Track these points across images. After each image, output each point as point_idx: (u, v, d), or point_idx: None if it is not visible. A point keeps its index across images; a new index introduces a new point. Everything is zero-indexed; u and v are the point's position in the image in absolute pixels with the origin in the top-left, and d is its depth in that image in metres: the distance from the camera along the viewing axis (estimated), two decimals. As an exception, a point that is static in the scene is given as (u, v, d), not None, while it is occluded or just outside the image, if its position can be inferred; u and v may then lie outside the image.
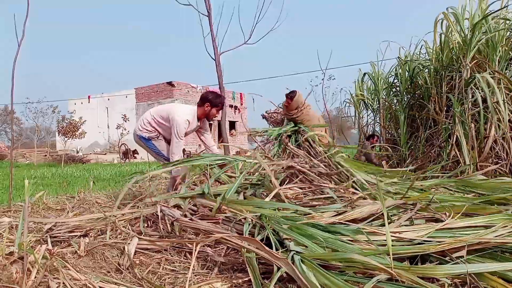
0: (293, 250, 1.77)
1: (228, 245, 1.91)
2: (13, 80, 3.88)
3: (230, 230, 2.21)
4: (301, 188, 3.14)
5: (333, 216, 2.38)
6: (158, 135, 3.89)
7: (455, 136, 4.72)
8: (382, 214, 2.39)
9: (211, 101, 3.83)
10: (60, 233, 2.67)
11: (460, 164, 4.54)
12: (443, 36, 5.32)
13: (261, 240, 2.04)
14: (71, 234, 2.67)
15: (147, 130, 3.86)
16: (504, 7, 4.94)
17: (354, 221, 2.29)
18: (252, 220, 2.27)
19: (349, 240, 1.89)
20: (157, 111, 3.94)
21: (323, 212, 2.50)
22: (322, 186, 3.10)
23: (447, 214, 2.22)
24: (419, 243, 1.79)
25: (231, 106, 26.01)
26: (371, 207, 2.40)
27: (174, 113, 3.74)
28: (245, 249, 1.82)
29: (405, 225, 2.19)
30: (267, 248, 1.69)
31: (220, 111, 4.04)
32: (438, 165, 4.61)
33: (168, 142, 3.91)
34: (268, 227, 2.13)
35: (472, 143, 4.63)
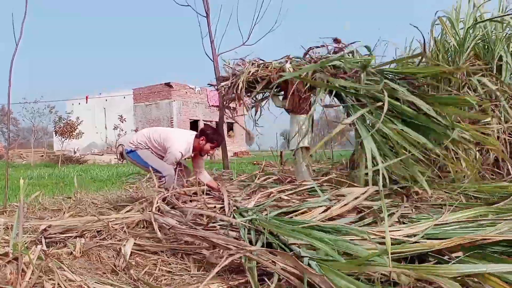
0: (306, 256, 1.74)
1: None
2: (10, 80, 3.86)
3: (225, 235, 2.20)
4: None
5: (323, 212, 2.40)
6: (147, 147, 3.95)
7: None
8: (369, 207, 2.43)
9: (207, 136, 3.86)
10: (55, 233, 2.65)
11: (457, 170, 4.54)
12: (438, 39, 5.36)
13: (262, 245, 2.03)
14: (66, 235, 2.65)
15: (133, 145, 3.95)
16: (498, 17, 4.95)
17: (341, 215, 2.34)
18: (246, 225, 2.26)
19: (352, 239, 1.89)
20: (155, 135, 3.96)
21: (311, 208, 2.53)
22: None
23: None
24: (415, 242, 1.79)
25: (228, 107, 25.93)
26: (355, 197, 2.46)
27: (171, 143, 3.81)
28: (247, 260, 1.79)
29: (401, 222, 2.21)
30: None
31: (214, 150, 4.05)
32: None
33: (154, 153, 3.96)
34: (265, 231, 2.11)
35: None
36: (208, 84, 5.16)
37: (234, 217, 2.47)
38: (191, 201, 3.31)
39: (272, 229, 2.11)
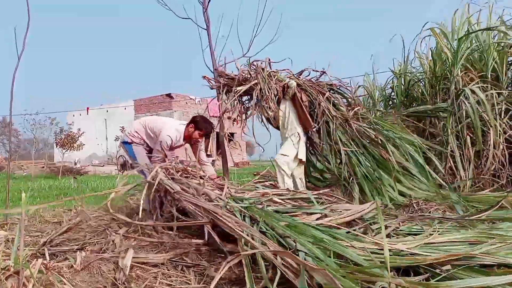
0: (302, 251, 1.77)
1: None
2: (12, 93, 3.90)
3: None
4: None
5: (318, 219, 2.42)
6: (142, 142, 3.97)
7: (449, 148, 4.76)
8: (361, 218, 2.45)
9: (196, 123, 3.89)
10: (56, 246, 2.67)
11: (457, 178, 4.57)
12: (433, 49, 5.45)
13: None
14: (67, 248, 2.67)
15: (133, 136, 3.94)
16: (487, 29, 5.03)
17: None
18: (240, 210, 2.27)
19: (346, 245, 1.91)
20: (149, 122, 4.00)
21: (309, 213, 2.55)
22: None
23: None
24: (411, 254, 1.81)
25: (229, 117, 26.01)
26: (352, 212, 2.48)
27: (161, 129, 3.84)
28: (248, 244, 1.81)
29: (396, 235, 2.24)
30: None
31: (202, 138, 4.05)
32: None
33: (148, 151, 3.99)
34: (261, 220, 2.13)
35: (468, 156, 4.66)
36: (203, 76, 4.87)
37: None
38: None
39: (268, 220, 2.12)
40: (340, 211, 2.61)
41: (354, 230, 2.31)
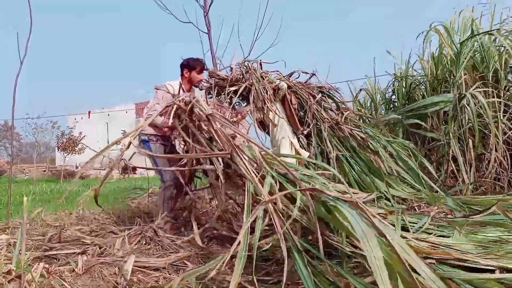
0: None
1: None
2: (14, 97, 3.93)
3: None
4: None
5: None
6: (157, 137, 3.60)
7: (451, 152, 4.76)
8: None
9: (187, 65, 3.72)
10: (58, 250, 2.67)
11: (458, 182, 4.57)
12: (435, 51, 5.47)
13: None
14: (69, 252, 2.67)
15: (148, 130, 3.55)
16: (492, 30, 5.04)
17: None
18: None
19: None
20: (152, 102, 3.68)
21: None
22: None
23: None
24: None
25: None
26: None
27: (156, 90, 3.59)
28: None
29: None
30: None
31: (203, 74, 3.90)
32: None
33: (166, 150, 3.60)
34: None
35: (469, 159, 4.66)
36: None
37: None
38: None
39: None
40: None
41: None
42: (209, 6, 7.18)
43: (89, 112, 28.35)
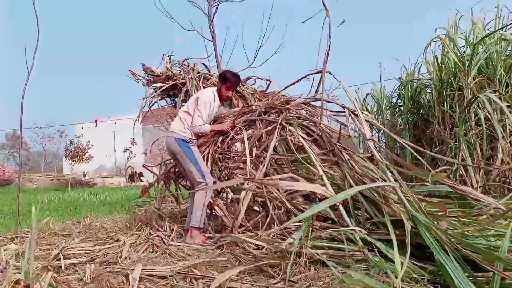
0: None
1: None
2: (22, 107, 3.97)
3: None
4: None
5: None
6: (194, 138, 3.59)
7: (460, 155, 4.72)
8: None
9: (222, 76, 3.65)
10: (65, 259, 2.68)
11: (467, 185, 4.52)
12: (439, 56, 5.45)
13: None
14: (77, 260, 2.68)
15: (188, 131, 3.53)
16: (502, 28, 5.01)
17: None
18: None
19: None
20: (187, 106, 3.66)
21: None
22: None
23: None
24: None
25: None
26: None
27: (200, 93, 3.62)
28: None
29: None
30: None
31: (231, 92, 3.70)
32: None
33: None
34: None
35: (478, 162, 4.62)
36: (129, 70, 4.52)
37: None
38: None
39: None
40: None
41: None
42: (214, 15, 7.24)
43: (96, 120, 28.55)
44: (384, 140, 7.33)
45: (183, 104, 4.20)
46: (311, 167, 3.07)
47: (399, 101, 6.77)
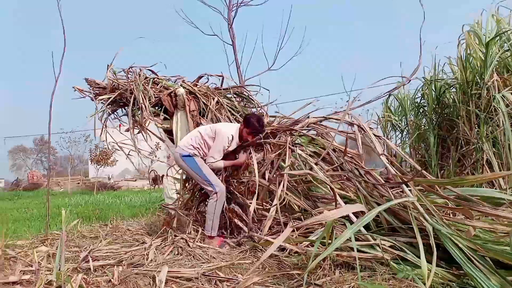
0: None
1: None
2: (50, 114, 4.12)
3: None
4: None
5: None
6: (203, 154, 3.66)
7: (485, 156, 4.60)
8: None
9: (246, 121, 3.66)
10: (94, 261, 2.76)
11: (495, 187, 4.40)
12: (463, 54, 5.31)
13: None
14: (105, 262, 2.75)
15: (192, 147, 3.62)
16: None
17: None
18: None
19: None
20: (205, 128, 3.74)
21: None
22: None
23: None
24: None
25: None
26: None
27: (220, 127, 3.67)
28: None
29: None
30: None
31: (251, 137, 3.68)
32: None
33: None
34: None
35: (506, 163, 4.49)
36: (73, 87, 4.27)
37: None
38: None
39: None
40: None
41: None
42: (233, 19, 7.31)
43: (120, 125, 29.09)
44: (407, 141, 7.20)
45: (138, 112, 4.27)
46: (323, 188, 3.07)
47: (422, 101, 6.64)
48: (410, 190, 2.61)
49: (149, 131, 4.37)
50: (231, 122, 4.21)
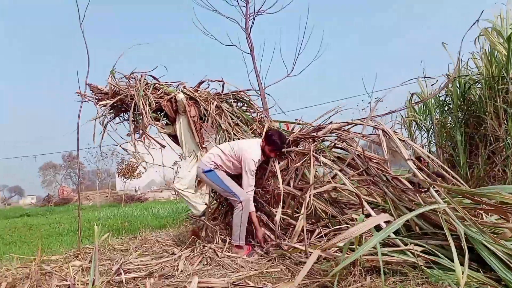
0: None
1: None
2: (78, 132, 4.24)
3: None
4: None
5: None
6: (224, 169, 3.74)
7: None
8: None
9: (267, 138, 3.69)
10: (126, 273, 2.81)
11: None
12: (488, 49, 5.18)
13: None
14: (136, 275, 2.80)
15: (214, 163, 3.71)
16: None
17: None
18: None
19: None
20: (229, 149, 3.77)
21: None
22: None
23: None
24: None
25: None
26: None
27: (245, 151, 3.65)
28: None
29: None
30: None
31: (273, 154, 3.72)
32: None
33: (229, 175, 3.78)
34: None
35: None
36: (76, 92, 4.29)
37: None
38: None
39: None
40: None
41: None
42: (251, 28, 7.36)
43: (144, 137, 29.63)
44: (434, 141, 7.05)
45: (139, 117, 4.35)
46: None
47: (447, 98, 6.50)
48: (437, 192, 2.56)
49: (150, 136, 4.51)
50: (230, 126, 4.33)
